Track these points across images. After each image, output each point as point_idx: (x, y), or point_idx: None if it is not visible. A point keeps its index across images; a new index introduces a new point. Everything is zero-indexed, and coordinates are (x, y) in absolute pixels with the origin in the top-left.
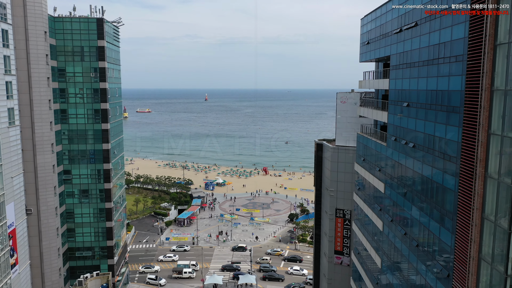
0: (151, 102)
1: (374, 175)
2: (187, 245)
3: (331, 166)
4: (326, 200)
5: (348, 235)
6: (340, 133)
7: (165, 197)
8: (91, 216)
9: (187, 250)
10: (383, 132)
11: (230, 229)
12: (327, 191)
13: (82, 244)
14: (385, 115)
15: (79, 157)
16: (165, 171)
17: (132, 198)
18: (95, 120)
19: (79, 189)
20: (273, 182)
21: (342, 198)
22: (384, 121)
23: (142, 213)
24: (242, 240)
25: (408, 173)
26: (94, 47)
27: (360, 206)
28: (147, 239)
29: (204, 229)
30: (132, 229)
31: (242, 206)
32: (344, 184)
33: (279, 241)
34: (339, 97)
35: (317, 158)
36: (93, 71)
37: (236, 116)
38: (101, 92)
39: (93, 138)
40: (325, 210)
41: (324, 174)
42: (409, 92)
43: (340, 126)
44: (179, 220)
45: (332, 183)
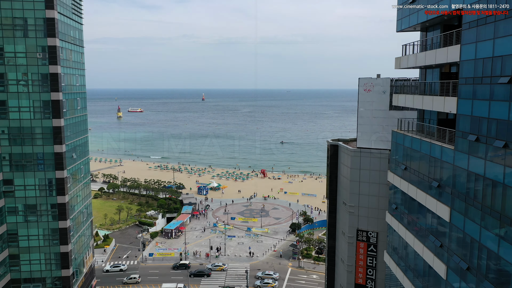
0: (148, 102)
1: (428, 192)
2: (124, 263)
3: (351, 174)
4: (344, 218)
5: (373, 264)
6: (363, 131)
7: (153, 204)
8: (41, 238)
9: (124, 270)
10: (444, 128)
11: (224, 243)
12: (344, 206)
13: (30, 274)
14: (451, 103)
15: (24, 163)
16: (156, 174)
17: (116, 205)
18: (44, 114)
19: (24, 203)
20: (272, 185)
21: (366, 217)
22: (450, 110)
23: (125, 223)
24: (238, 255)
25: (502, 194)
26: (41, 19)
27: (399, 234)
28: (128, 254)
29: (194, 242)
30: (112, 242)
31: (237, 213)
32: (369, 199)
33: (279, 257)
34: (362, 84)
35: (331, 163)
36: (40, 51)
37: (234, 116)
38: (52, 79)
39: (42, 138)
40: (342, 231)
41: (340, 184)
42: (508, 60)
43: (363, 122)
44: (166, 231)
45: (352, 197)
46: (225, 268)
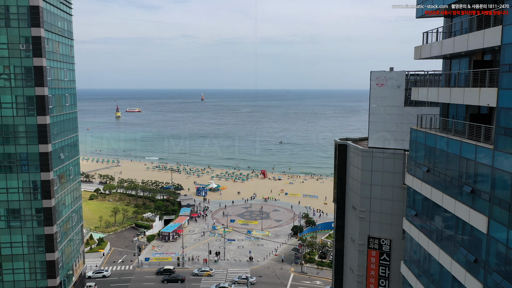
0: (148, 102)
1: (458, 198)
2: (107, 269)
3: (362, 176)
4: (353, 223)
5: (386, 274)
6: (375, 130)
7: (150, 205)
8: (25, 245)
9: (107, 276)
10: (479, 125)
11: (223, 246)
12: (354, 211)
13: (13, 284)
14: (489, 95)
15: (6, 164)
16: (154, 174)
17: (112, 206)
18: (28, 111)
19: (6, 208)
20: (273, 186)
21: (378, 222)
22: (488, 104)
23: (121, 225)
24: (238, 260)
25: None
26: (25, 7)
27: (420, 243)
28: (124, 259)
29: (192, 245)
30: (107, 246)
31: (237, 215)
32: (381, 203)
33: (281, 261)
34: (374, 78)
35: (339, 164)
36: (23, 42)
37: (233, 116)
38: (36, 72)
39: (26, 137)
40: (352, 237)
41: (349, 187)
42: None
43: (375, 120)
44: (163, 235)
45: (363, 201)
46: (212, 274)
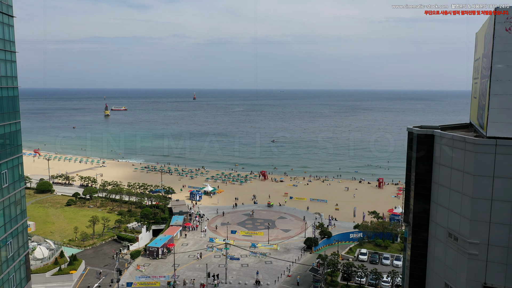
0: (139, 101)
1: None
2: None
3: (475, 186)
4: (452, 262)
5: None
6: (503, 108)
7: (136, 212)
8: None
9: None
10: None
11: (224, 265)
12: (453, 242)
13: None
14: None
15: None
16: (142, 176)
17: (91, 214)
18: None
19: None
20: (275, 189)
21: (503, 264)
22: None
23: (101, 238)
24: (243, 283)
25: None
26: None
27: None
28: (101, 283)
29: (186, 263)
30: (81, 265)
31: (238, 224)
32: (510, 232)
33: (296, 285)
34: (502, 21)
35: (419, 164)
36: None
37: (226, 115)
38: None
39: None
40: (447, 283)
41: (438, 201)
42: None
43: (503, 91)
44: (150, 250)
45: (476, 227)
46: None
